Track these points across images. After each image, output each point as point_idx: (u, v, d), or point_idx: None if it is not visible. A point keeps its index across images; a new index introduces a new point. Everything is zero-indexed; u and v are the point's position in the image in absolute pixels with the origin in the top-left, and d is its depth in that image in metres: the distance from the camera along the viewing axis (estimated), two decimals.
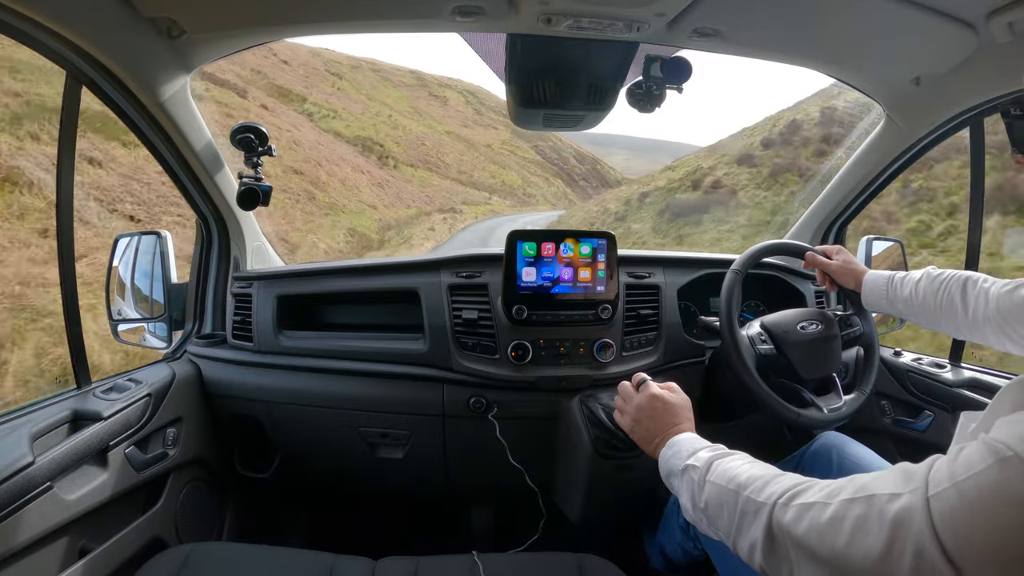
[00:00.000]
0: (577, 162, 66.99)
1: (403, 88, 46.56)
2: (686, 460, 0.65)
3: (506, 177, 45.75)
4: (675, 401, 0.77)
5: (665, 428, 0.74)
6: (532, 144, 57.40)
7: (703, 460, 0.63)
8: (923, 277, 0.94)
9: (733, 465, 0.59)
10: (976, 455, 0.39)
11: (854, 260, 1.08)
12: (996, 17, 0.79)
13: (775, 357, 1.05)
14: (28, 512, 0.76)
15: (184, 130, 1.07)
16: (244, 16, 0.90)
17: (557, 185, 54.98)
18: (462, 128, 49.77)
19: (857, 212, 1.43)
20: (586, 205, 28.27)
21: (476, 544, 1.24)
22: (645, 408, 0.77)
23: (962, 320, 0.87)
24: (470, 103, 57.00)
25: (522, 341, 1.14)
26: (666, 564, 1.26)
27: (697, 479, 0.61)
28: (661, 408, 0.76)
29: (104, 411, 0.93)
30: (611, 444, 1.08)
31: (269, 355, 1.22)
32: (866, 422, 1.29)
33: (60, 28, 0.78)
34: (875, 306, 1.04)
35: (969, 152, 1.17)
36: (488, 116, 57.41)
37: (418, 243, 18.17)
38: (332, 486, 1.42)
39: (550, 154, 60.76)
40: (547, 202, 47.97)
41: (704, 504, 0.59)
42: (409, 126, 40.67)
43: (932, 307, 0.91)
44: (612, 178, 71.56)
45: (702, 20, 0.86)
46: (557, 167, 59.15)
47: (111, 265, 1.21)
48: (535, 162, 55.89)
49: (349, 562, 0.89)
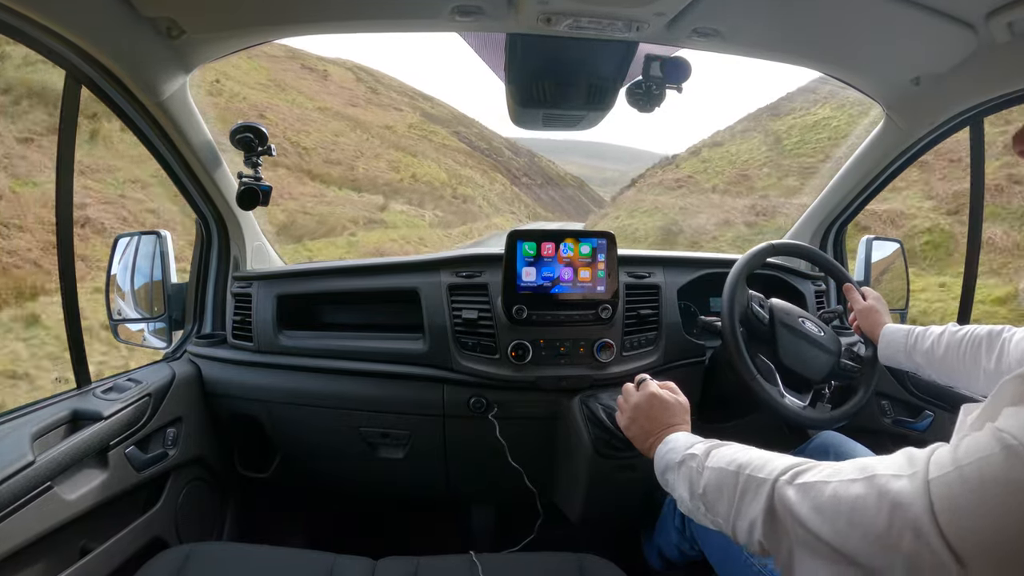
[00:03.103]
0: (513, 154, 48.28)
1: (263, 59, 26.63)
2: (683, 452, 0.65)
3: (421, 169, 28.79)
4: (673, 401, 0.77)
5: (661, 427, 0.74)
6: (452, 130, 40.49)
7: (701, 449, 0.63)
8: (945, 331, 0.93)
9: (732, 449, 0.60)
10: (981, 441, 0.39)
11: (883, 308, 1.07)
12: (996, 17, 0.79)
13: (763, 327, 1.06)
14: (28, 512, 0.76)
15: (184, 130, 1.07)
16: (244, 16, 0.90)
17: (501, 182, 39.14)
18: (347, 107, 31.20)
19: (857, 212, 1.43)
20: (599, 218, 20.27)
21: (476, 544, 1.24)
22: (643, 406, 0.77)
23: (984, 370, 0.86)
24: (362, 80, 36.87)
25: (522, 341, 1.14)
26: (664, 564, 1.26)
27: (696, 466, 0.62)
28: (658, 406, 0.76)
29: (104, 411, 0.93)
30: (611, 444, 1.08)
31: (269, 355, 1.22)
32: (866, 422, 1.29)
33: (60, 28, 0.78)
34: (891, 359, 1.02)
35: (969, 152, 1.17)
36: (388, 96, 38.49)
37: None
38: (332, 486, 1.42)
39: (478, 143, 42.21)
40: (501, 210, 33.55)
41: (703, 490, 0.60)
42: (251, 97, 22.21)
43: (954, 360, 0.90)
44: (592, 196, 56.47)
45: (702, 20, 0.86)
46: (492, 159, 41.85)
47: (111, 265, 1.21)
48: (460, 151, 37.72)
49: (349, 562, 0.89)
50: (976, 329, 0.89)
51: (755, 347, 1.05)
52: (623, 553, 1.30)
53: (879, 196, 1.39)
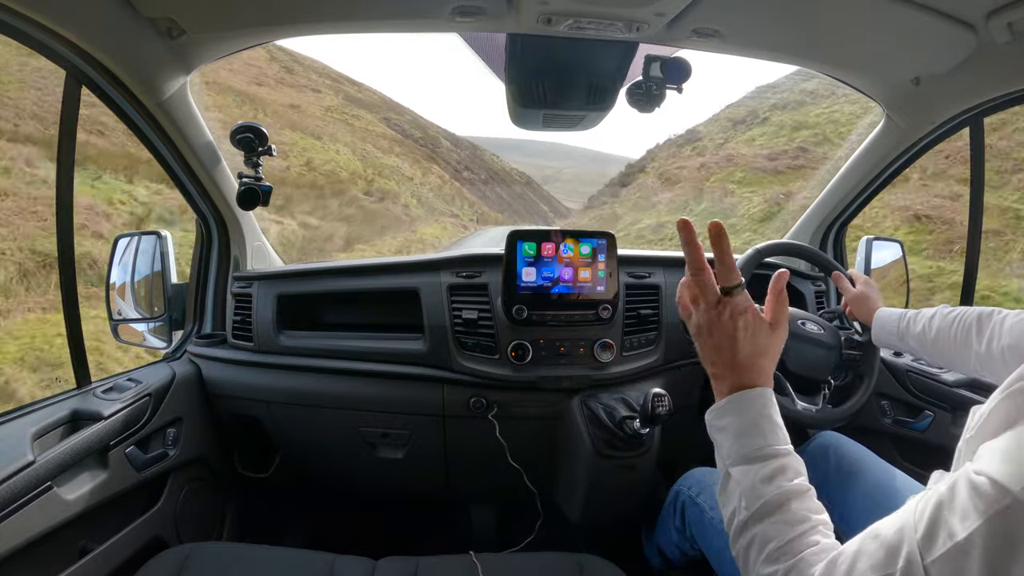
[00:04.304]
0: (452, 145, 40.03)
1: None
2: (742, 466, 0.52)
3: (322, 155, 21.37)
4: (775, 349, 0.58)
5: (745, 371, 0.56)
6: (380, 116, 32.33)
7: (752, 497, 0.51)
8: (936, 314, 0.94)
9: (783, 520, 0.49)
10: (968, 504, 0.37)
11: (874, 293, 1.08)
12: (996, 17, 0.79)
13: None
14: (28, 512, 0.76)
15: (184, 130, 1.07)
16: (244, 16, 0.90)
17: (438, 175, 30.42)
18: (251, 85, 24.26)
19: (857, 212, 1.43)
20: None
21: (476, 544, 1.24)
22: (732, 331, 0.56)
23: (975, 353, 0.86)
24: (277, 59, 29.29)
25: (522, 341, 1.14)
26: (664, 564, 1.26)
27: (742, 506, 0.51)
28: (754, 339, 0.56)
29: (104, 411, 0.93)
30: (611, 444, 1.08)
31: (269, 355, 1.22)
32: (866, 422, 1.29)
33: (60, 28, 0.79)
34: (885, 342, 1.03)
35: (969, 152, 1.18)
36: (307, 77, 31.01)
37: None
38: (332, 486, 1.42)
39: (412, 131, 34.38)
40: (436, 211, 25.21)
41: (735, 522, 0.52)
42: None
43: (945, 342, 0.90)
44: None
45: (702, 20, 0.86)
46: (427, 149, 33.96)
47: (111, 265, 1.21)
48: (388, 138, 29.67)
49: (349, 562, 0.89)
50: (967, 311, 0.89)
51: None
52: (623, 553, 1.30)
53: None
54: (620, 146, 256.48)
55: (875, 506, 0.91)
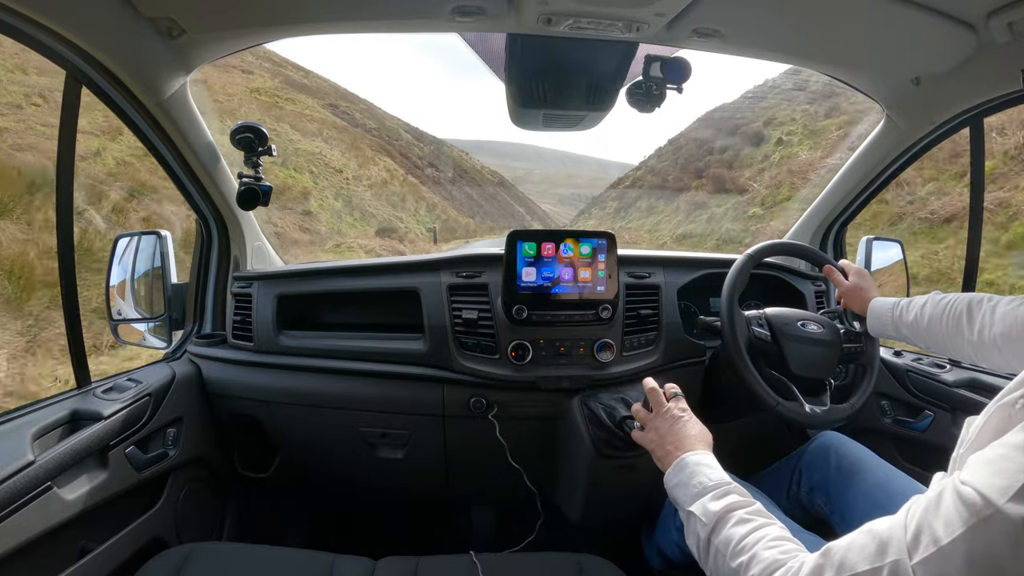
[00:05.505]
0: (414, 139, 33.73)
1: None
2: (694, 498, 0.66)
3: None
4: (699, 430, 0.77)
5: (679, 447, 0.74)
6: (325, 102, 26.65)
7: (710, 518, 0.62)
8: (928, 301, 0.94)
9: (740, 532, 0.59)
10: (953, 511, 0.39)
11: (867, 283, 1.08)
12: (996, 17, 0.79)
13: (768, 344, 1.06)
14: (28, 512, 0.76)
15: (184, 130, 1.07)
16: (244, 16, 0.90)
17: (388, 169, 23.93)
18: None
19: (857, 212, 1.43)
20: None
21: (477, 544, 1.24)
22: (664, 426, 0.77)
23: (968, 341, 0.86)
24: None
25: (522, 341, 1.14)
26: (664, 563, 1.26)
27: (703, 536, 0.63)
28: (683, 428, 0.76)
29: (104, 411, 0.93)
30: (611, 444, 1.08)
31: (269, 355, 1.22)
32: (866, 422, 1.29)
33: (60, 28, 0.79)
34: (880, 332, 1.04)
35: (969, 152, 1.17)
36: (240, 59, 22.05)
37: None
38: (332, 486, 1.42)
39: (364, 120, 28.57)
40: (366, 218, 18.28)
41: (704, 555, 0.62)
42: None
43: (938, 330, 0.91)
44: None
45: (702, 20, 0.86)
46: (380, 139, 28.15)
47: (111, 265, 1.21)
48: (328, 124, 23.70)
49: (349, 562, 0.89)
50: (957, 298, 0.89)
51: (765, 366, 1.06)
52: (623, 553, 1.30)
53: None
54: (590, 147, 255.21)
55: (875, 506, 0.91)
